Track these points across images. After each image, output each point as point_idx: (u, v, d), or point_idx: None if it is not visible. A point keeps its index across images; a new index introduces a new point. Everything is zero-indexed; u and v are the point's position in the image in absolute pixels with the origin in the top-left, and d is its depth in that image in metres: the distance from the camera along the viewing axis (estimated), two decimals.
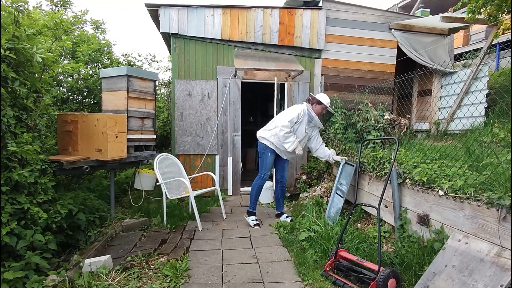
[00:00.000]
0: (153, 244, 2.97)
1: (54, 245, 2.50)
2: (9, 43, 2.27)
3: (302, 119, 3.65)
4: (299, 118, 3.61)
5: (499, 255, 1.82)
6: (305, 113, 3.67)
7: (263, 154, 3.73)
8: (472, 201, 2.09)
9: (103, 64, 5.08)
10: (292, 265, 2.66)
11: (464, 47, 9.26)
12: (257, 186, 3.77)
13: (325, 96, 3.80)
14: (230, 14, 5.02)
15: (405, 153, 3.26)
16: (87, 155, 3.20)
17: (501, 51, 7.11)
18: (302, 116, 3.63)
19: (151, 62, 7.83)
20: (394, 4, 13.51)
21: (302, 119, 3.64)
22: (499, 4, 4.00)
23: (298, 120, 3.61)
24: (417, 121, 6.09)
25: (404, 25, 5.65)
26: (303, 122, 3.66)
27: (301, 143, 3.71)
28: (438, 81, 5.70)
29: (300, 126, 3.66)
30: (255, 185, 3.78)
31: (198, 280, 2.40)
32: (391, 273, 2.08)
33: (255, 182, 3.79)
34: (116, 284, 2.25)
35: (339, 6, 5.44)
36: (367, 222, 3.42)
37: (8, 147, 2.21)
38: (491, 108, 4.68)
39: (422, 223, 2.56)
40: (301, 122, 3.64)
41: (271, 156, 3.70)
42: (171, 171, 3.87)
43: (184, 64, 4.97)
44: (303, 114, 3.65)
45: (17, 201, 2.29)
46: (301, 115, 3.63)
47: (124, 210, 4.03)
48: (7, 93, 2.33)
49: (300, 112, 3.61)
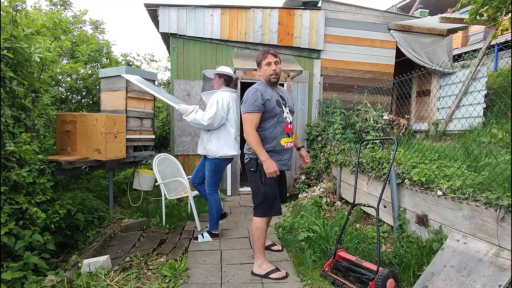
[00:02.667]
0: (152, 244, 2.96)
1: (52, 246, 2.50)
2: (7, 43, 2.26)
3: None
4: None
5: (497, 255, 1.83)
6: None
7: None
8: (471, 202, 2.09)
9: (102, 64, 5.07)
10: (291, 265, 2.66)
11: (463, 48, 9.29)
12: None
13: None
14: (229, 14, 5.02)
15: (404, 154, 3.27)
16: (85, 155, 3.19)
17: (500, 51, 7.13)
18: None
19: (150, 62, 7.84)
20: (393, 4, 13.55)
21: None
22: (498, 6, 4.02)
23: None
24: (416, 122, 6.10)
25: (403, 25, 5.67)
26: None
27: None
28: (436, 82, 5.72)
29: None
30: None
31: (197, 280, 2.39)
32: (390, 273, 2.08)
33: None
34: (115, 284, 2.24)
35: (338, 6, 5.45)
36: (366, 222, 3.43)
37: (6, 147, 2.20)
38: (489, 108, 4.69)
39: (420, 223, 2.56)
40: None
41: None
42: (170, 171, 3.87)
43: (183, 64, 4.97)
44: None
45: (16, 201, 2.29)
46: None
47: (123, 210, 4.02)
48: (6, 93, 2.32)
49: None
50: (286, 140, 2.36)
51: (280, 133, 2.34)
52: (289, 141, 2.40)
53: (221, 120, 2.96)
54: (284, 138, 2.36)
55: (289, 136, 2.39)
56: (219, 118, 2.94)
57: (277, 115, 2.33)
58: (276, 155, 2.34)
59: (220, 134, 3.01)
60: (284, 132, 2.36)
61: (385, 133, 4.61)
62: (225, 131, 3.02)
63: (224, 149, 3.01)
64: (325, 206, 4.00)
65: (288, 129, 2.38)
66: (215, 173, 3.10)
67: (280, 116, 2.34)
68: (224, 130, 3.02)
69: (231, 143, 3.04)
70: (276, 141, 2.33)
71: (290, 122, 2.42)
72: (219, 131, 3.02)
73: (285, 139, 2.36)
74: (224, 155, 3.01)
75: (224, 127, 3.02)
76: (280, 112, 2.35)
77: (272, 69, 2.36)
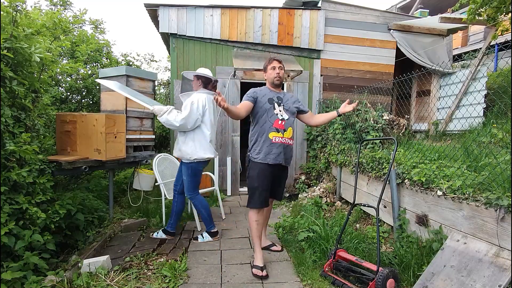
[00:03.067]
0: (152, 244, 2.96)
1: (52, 246, 2.50)
2: (7, 43, 2.26)
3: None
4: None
5: (497, 255, 1.83)
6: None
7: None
8: (471, 202, 2.09)
9: (102, 64, 5.07)
10: (291, 265, 2.67)
11: (463, 48, 9.29)
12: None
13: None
14: (229, 14, 5.02)
15: (404, 154, 3.27)
16: (85, 155, 3.19)
17: (500, 51, 7.13)
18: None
19: (150, 62, 7.84)
20: (393, 4, 13.55)
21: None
22: (498, 6, 4.02)
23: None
24: (416, 122, 6.10)
25: (403, 25, 5.67)
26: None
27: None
28: (436, 82, 5.72)
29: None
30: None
31: (197, 281, 2.39)
32: (390, 273, 2.09)
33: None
34: (115, 284, 2.25)
35: (338, 6, 5.45)
36: (366, 222, 3.43)
37: (6, 147, 2.20)
38: (489, 108, 4.69)
39: (420, 223, 2.56)
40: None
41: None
42: (170, 171, 3.86)
43: (183, 64, 4.97)
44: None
45: (16, 201, 2.28)
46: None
47: (123, 210, 4.02)
48: (6, 93, 2.32)
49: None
50: (274, 135, 2.54)
51: (268, 127, 2.55)
52: (278, 136, 2.55)
53: (195, 122, 2.91)
54: (273, 133, 2.54)
55: (278, 131, 2.55)
56: (193, 120, 2.90)
57: (267, 111, 2.56)
58: (265, 148, 2.54)
59: (195, 136, 2.97)
60: (273, 127, 2.54)
61: (385, 133, 4.61)
62: (200, 134, 2.98)
63: (199, 152, 2.97)
64: (325, 206, 4.00)
65: (278, 124, 2.56)
66: (192, 177, 3.06)
67: (269, 112, 2.56)
68: (199, 133, 2.98)
69: (206, 146, 3.00)
70: (265, 135, 2.55)
71: (282, 119, 2.58)
72: (194, 133, 2.97)
73: (274, 133, 2.54)
74: (199, 157, 2.97)
75: (199, 130, 2.98)
76: (270, 108, 2.57)
77: (276, 73, 2.64)
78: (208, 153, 3.03)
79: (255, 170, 2.57)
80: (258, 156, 2.55)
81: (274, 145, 2.54)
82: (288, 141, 2.61)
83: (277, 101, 2.62)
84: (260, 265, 2.50)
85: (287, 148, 2.62)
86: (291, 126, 2.65)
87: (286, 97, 2.72)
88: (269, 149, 2.54)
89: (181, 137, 3.03)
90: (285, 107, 2.64)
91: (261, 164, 2.55)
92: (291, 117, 2.66)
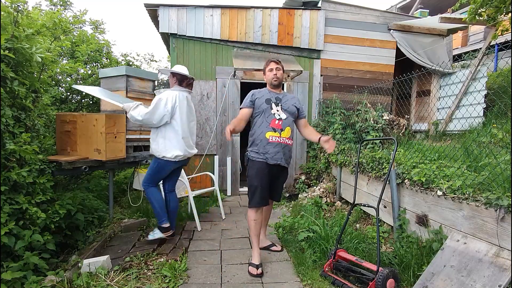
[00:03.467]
0: (152, 244, 2.96)
1: (52, 246, 2.50)
2: (8, 43, 2.26)
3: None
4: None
5: (497, 255, 1.83)
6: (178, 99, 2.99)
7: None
8: (471, 202, 2.09)
9: (102, 64, 5.07)
10: (291, 265, 2.67)
11: (463, 48, 9.30)
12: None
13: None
14: (229, 15, 5.02)
15: (404, 154, 3.27)
16: (85, 155, 3.19)
17: (500, 51, 7.13)
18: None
19: (150, 62, 7.84)
20: (393, 4, 13.55)
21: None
22: (498, 6, 4.03)
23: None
24: (416, 122, 6.11)
25: (403, 25, 5.67)
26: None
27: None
28: (436, 82, 5.72)
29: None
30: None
31: (197, 281, 2.40)
32: (390, 273, 2.09)
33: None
34: (115, 284, 2.25)
35: (338, 6, 5.45)
36: (366, 222, 3.43)
37: (6, 146, 2.20)
38: (489, 108, 4.70)
39: (420, 223, 2.56)
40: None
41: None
42: None
43: (183, 64, 4.96)
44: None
45: (16, 201, 2.29)
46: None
47: (123, 210, 4.02)
48: (6, 93, 2.32)
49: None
50: (271, 134, 2.56)
51: (265, 127, 2.58)
52: (275, 135, 2.57)
53: (161, 118, 2.84)
54: (270, 132, 2.57)
55: (275, 131, 2.57)
56: (159, 116, 2.83)
57: (264, 111, 2.60)
58: (262, 147, 2.57)
59: (166, 133, 2.92)
60: (270, 126, 2.57)
61: (385, 133, 4.62)
62: (171, 131, 2.93)
63: (168, 150, 2.91)
64: (325, 206, 4.00)
65: (275, 124, 2.59)
66: (155, 172, 3.00)
67: (267, 112, 2.59)
68: (170, 130, 2.93)
69: (176, 144, 2.93)
70: (262, 134, 2.57)
71: (279, 119, 2.60)
72: (165, 130, 2.92)
73: (270, 133, 2.57)
74: (167, 157, 2.91)
75: (170, 127, 2.92)
76: (267, 109, 2.60)
77: (273, 74, 2.68)
78: (178, 150, 2.93)
79: (254, 168, 2.58)
80: (256, 155, 2.57)
81: (271, 145, 2.56)
82: (286, 140, 2.61)
83: (275, 101, 2.64)
84: (256, 263, 2.52)
85: (286, 148, 2.62)
86: (289, 126, 2.64)
87: (285, 98, 2.73)
88: (266, 149, 2.55)
89: (153, 135, 2.99)
90: (283, 107, 2.65)
91: (259, 162, 2.56)
92: (289, 117, 2.66)
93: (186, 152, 3.02)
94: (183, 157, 3.02)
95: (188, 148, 3.05)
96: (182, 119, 2.96)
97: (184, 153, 3.01)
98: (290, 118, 2.66)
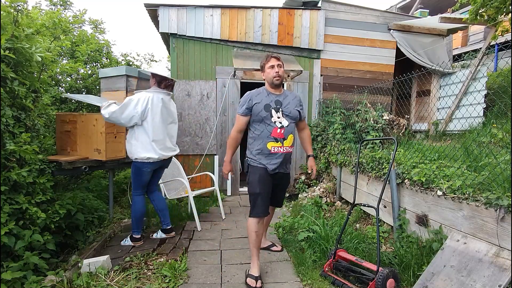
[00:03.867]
0: (152, 244, 2.96)
1: (52, 246, 2.50)
2: (8, 43, 2.26)
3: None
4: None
5: (497, 255, 1.83)
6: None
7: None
8: (471, 202, 2.09)
9: (102, 64, 5.07)
10: (291, 265, 2.67)
11: (463, 48, 9.30)
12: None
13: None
14: (229, 15, 5.02)
15: (404, 154, 3.27)
16: (85, 155, 3.19)
17: (500, 51, 7.14)
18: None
19: (150, 62, 7.82)
20: (393, 4, 13.55)
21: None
22: (498, 6, 4.03)
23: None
24: (416, 122, 6.11)
25: (403, 25, 5.67)
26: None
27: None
28: (436, 82, 5.72)
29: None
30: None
31: (197, 281, 2.40)
32: (390, 273, 2.09)
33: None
34: (115, 284, 2.25)
35: (338, 6, 5.45)
36: (366, 222, 3.43)
37: (6, 146, 2.20)
38: (489, 108, 4.70)
39: (420, 223, 2.56)
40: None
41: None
42: (170, 171, 3.86)
43: (183, 64, 4.97)
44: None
45: (16, 201, 2.29)
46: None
47: (122, 210, 4.02)
48: (6, 92, 2.32)
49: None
50: (273, 145, 2.35)
51: (266, 136, 2.35)
52: (277, 146, 2.36)
53: (130, 118, 2.81)
54: (271, 142, 2.35)
55: (277, 140, 2.35)
56: (127, 116, 2.80)
57: (263, 119, 2.35)
58: (264, 158, 2.39)
59: (138, 135, 2.90)
60: (271, 136, 2.34)
61: (385, 133, 4.62)
62: (142, 133, 2.89)
63: (139, 151, 2.87)
64: (325, 206, 4.00)
65: (276, 133, 2.35)
66: (136, 176, 2.98)
67: (267, 120, 2.35)
68: (141, 132, 2.89)
69: (147, 145, 2.89)
70: (263, 144, 2.36)
71: (281, 127, 2.37)
72: (138, 132, 2.90)
73: (272, 143, 2.35)
74: (140, 157, 2.88)
75: (142, 129, 2.89)
76: (267, 116, 2.35)
77: (275, 71, 2.38)
78: (150, 152, 2.88)
79: (255, 174, 2.39)
80: (257, 162, 2.40)
81: (273, 156, 2.37)
82: (289, 149, 2.43)
83: (275, 106, 2.38)
84: (255, 274, 2.32)
85: (287, 155, 2.46)
86: (291, 133, 2.44)
87: (286, 100, 2.45)
88: (268, 160, 2.38)
89: (128, 136, 2.98)
90: (284, 112, 2.40)
91: (260, 168, 2.39)
92: (291, 122, 2.44)
93: (159, 155, 2.93)
94: (157, 159, 2.93)
95: (162, 151, 2.96)
96: (154, 121, 2.89)
97: (159, 156, 2.92)
98: (292, 124, 2.45)
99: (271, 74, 2.39)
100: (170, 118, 3.09)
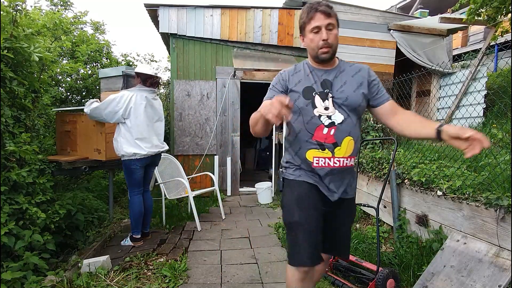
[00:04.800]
0: (152, 244, 2.96)
1: (52, 246, 2.50)
2: (7, 43, 2.26)
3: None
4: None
5: (497, 255, 1.83)
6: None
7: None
8: (471, 202, 2.09)
9: (102, 64, 5.08)
10: None
11: (463, 48, 9.29)
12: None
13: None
14: (229, 15, 5.02)
15: (404, 154, 3.27)
16: (85, 155, 3.19)
17: (500, 52, 7.14)
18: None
19: (150, 62, 7.83)
20: (393, 4, 13.54)
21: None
22: (498, 6, 4.02)
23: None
24: None
25: (403, 26, 5.67)
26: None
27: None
28: (436, 82, 5.72)
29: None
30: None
31: (197, 281, 2.39)
32: (390, 273, 2.09)
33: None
34: (115, 284, 2.25)
35: (338, 6, 5.44)
36: (366, 222, 3.43)
37: (6, 147, 2.20)
38: (489, 109, 4.69)
39: (420, 224, 2.56)
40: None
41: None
42: (170, 171, 3.87)
43: (183, 64, 4.97)
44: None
45: (16, 201, 2.29)
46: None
47: (122, 210, 4.02)
48: (6, 93, 2.32)
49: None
50: (316, 154, 1.42)
51: (305, 140, 1.44)
52: (323, 156, 1.42)
53: (113, 115, 2.84)
54: (313, 150, 1.43)
55: (323, 148, 1.41)
56: (109, 113, 2.83)
57: (300, 111, 1.43)
58: (305, 174, 1.49)
59: (123, 133, 2.91)
60: (312, 140, 1.42)
61: (385, 133, 4.61)
62: (126, 130, 2.90)
63: (124, 147, 2.88)
64: None
65: (321, 135, 1.41)
66: (127, 175, 2.99)
67: (306, 112, 1.43)
68: (125, 129, 2.90)
69: (132, 142, 2.89)
70: (301, 152, 1.46)
71: (330, 125, 1.41)
72: (123, 130, 2.91)
73: (315, 151, 1.42)
74: (126, 153, 2.88)
75: (125, 127, 2.90)
76: (308, 106, 1.42)
77: (321, 39, 1.38)
78: (136, 148, 2.88)
79: (293, 192, 1.48)
80: (296, 174, 1.52)
81: (317, 171, 1.45)
82: (345, 162, 1.44)
83: (321, 89, 1.44)
84: None
85: (345, 172, 1.49)
86: (349, 135, 1.43)
87: (341, 78, 1.48)
88: (314, 178, 1.47)
89: (115, 134, 3.00)
90: (336, 100, 1.43)
91: (302, 182, 1.48)
92: (350, 116, 1.44)
93: (144, 151, 2.92)
94: (145, 155, 2.93)
95: (149, 149, 2.96)
96: (138, 120, 2.90)
97: (147, 152, 2.93)
98: (352, 118, 1.44)
99: (315, 42, 1.41)
100: (156, 116, 3.09)
